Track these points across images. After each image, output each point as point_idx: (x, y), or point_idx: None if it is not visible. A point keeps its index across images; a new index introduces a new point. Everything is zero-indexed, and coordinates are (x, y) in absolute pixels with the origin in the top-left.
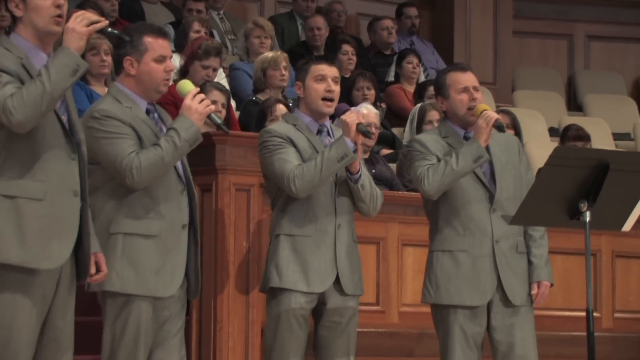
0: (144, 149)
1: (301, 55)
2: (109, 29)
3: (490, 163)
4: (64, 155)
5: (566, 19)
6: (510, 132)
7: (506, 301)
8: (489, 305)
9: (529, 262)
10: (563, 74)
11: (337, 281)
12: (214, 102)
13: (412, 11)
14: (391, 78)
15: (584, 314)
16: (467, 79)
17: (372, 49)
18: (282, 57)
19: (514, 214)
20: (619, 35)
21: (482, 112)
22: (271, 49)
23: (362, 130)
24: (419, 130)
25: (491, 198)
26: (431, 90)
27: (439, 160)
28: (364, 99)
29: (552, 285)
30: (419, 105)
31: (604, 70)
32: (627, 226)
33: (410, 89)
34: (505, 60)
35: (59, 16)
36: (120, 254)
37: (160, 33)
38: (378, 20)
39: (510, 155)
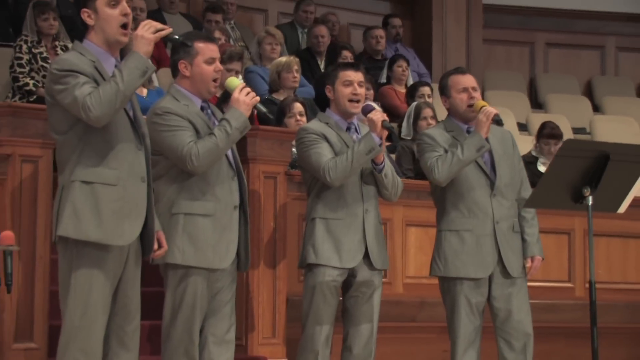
0: (201, 138)
1: (306, 60)
2: (175, 36)
3: (490, 154)
4: (132, 146)
5: (528, 29)
6: None
7: (505, 274)
8: (490, 277)
9: (523, 240)
10: (526, 76)
11: (365, 257)
12: None
13: (397, 21)
14: (383, 80)
15: (560, 284)
16: (466, 80)
17: (364, 55)
18: (295, 62)
19: (528, 198)
20: (574, 43)
21: (481, 107)
22: (281, 54)
23: (387, 126)
24: (415, 125)
25: (492, 184)
26: (421, 90)
27: (445, 151)
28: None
29: (543, 259)
30: (414, 103)
31: (561, 73)
32: (622, 208)
33: (400, 89)
34: (476, 64)
35: (125, 25)
36: (181, 231)
37: (209, 39)
38: (370, 29)
39: (506, 147)
